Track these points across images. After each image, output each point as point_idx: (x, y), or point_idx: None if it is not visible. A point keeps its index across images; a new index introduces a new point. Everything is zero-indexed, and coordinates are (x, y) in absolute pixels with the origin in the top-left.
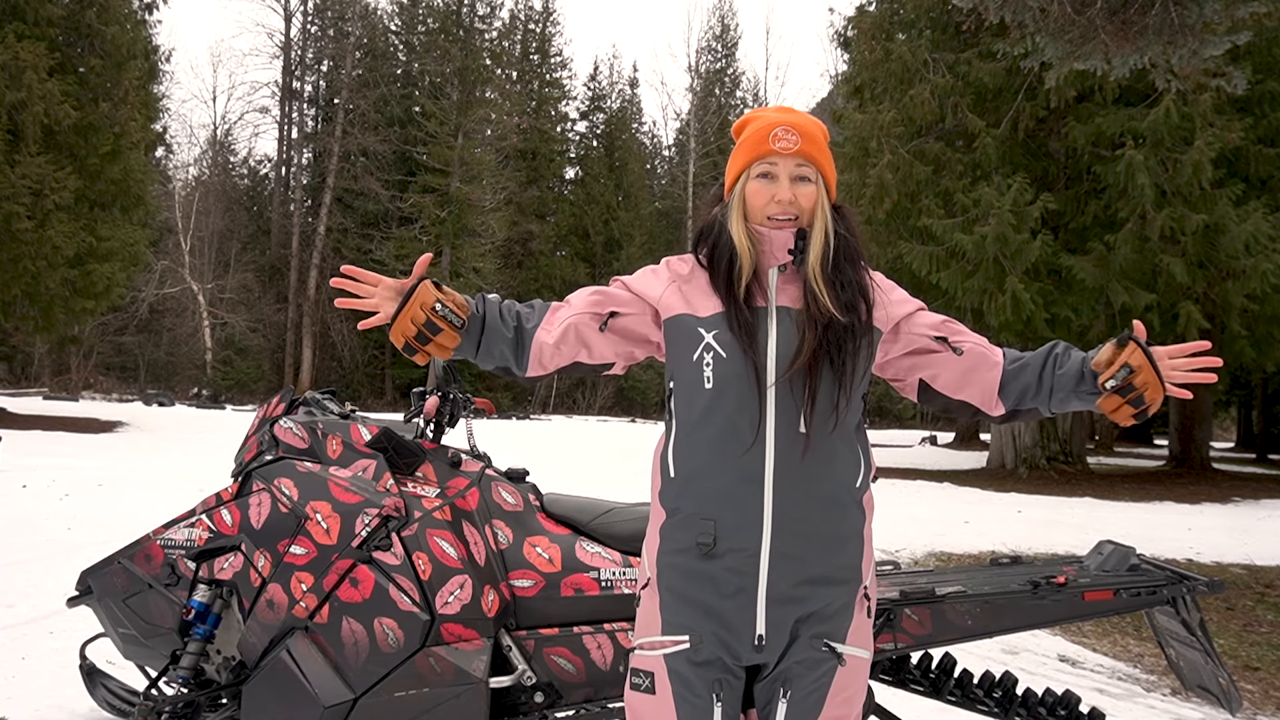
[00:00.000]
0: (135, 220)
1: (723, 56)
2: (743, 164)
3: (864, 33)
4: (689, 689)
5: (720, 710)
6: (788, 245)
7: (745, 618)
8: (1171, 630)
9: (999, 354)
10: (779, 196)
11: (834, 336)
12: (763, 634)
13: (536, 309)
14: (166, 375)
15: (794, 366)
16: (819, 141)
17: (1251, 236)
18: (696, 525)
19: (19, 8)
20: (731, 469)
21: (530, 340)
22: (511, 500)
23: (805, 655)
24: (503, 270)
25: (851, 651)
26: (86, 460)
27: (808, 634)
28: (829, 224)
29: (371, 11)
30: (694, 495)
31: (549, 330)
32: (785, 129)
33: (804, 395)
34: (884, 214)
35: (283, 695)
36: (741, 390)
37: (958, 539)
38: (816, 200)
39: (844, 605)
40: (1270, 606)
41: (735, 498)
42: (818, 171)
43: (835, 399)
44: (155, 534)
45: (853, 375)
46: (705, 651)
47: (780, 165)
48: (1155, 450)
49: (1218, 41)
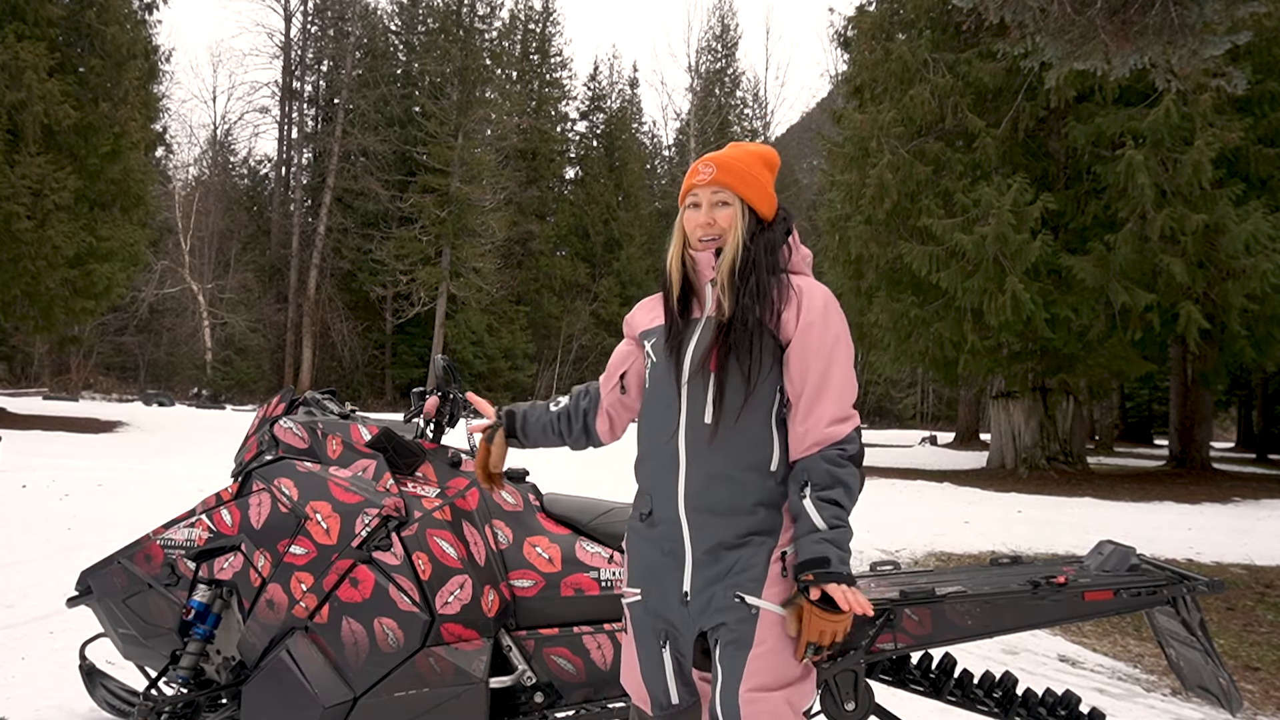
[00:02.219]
0: (135, 220)
1: (723, 56)
2: (680, 198)
3: (864, 33)
4: (643, 632)
5: (668, 655)
6: (711, 263)
7: (675, 577)
8: (1171, 630)
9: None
10: (700, 220)
11: (735, 338)
12: (687, 590)
13: (591, 398)
14: (166, 375)
15: (701, 366)
16: (736, 169)
17: (1251, 236)
18: (642, 498)
19: (19, 8)
20: (660, 453)
21: (595, 434)
22: (511, 500)
23: (724, 605)
24: (503, 270)
25: (765, 605)
26: (86, 460)
27: (723, 589)
28: (740, 236)
29: (371, 11)
30: (642, 473)
31: (603, 424)
32: (705, 163)
33: (709, 390)
34: (884, 214)
35: (283, 695)
36: (666, 388)
37: (958, 539)
38: (733, 220)
39: (755, 565)
40: (1270, 606)
41: (661, 476)
42: (735, 195)
43: (742, 392)
44: (155, 534)
45: (754, 371)
46: (650, 602)
47: (702, 194)
48: (1155, 450)
49: (1218, 41)
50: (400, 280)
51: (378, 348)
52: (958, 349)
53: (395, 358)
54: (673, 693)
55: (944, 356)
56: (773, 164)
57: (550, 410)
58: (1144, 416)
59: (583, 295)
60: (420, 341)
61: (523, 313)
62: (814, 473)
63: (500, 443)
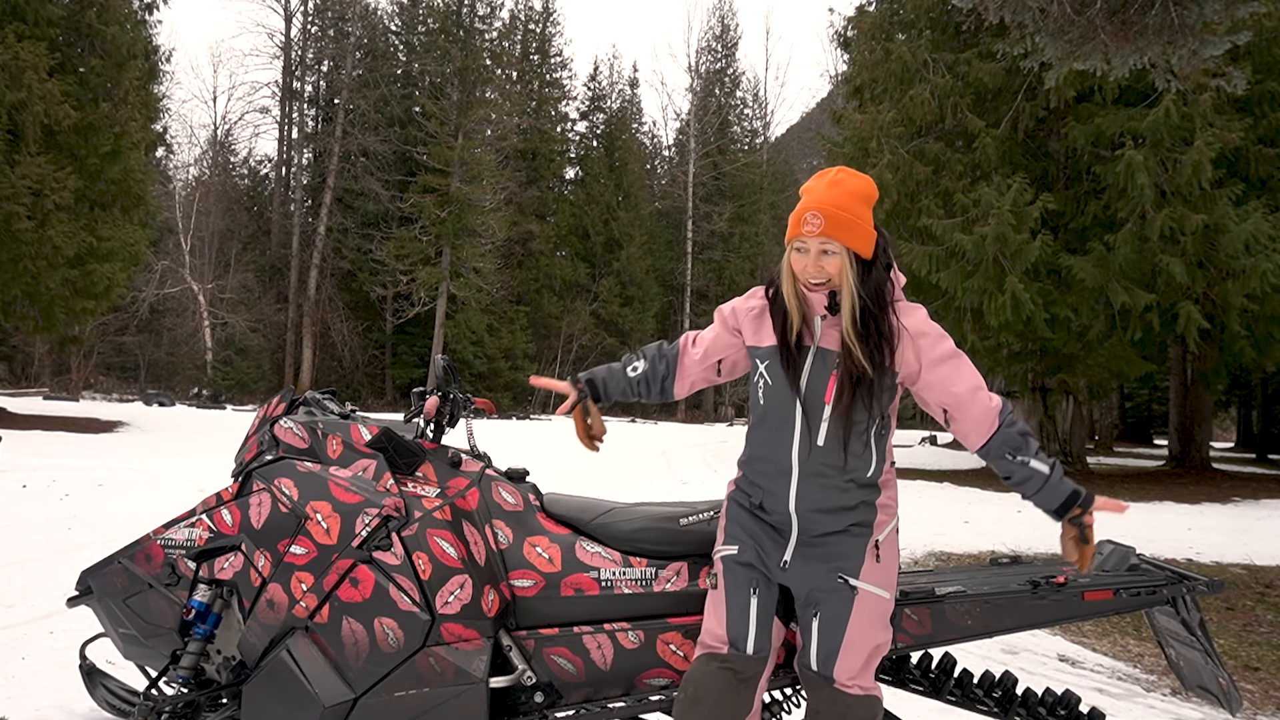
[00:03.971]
0: (135, 220)
1: (723, 56)
2: (788, 239)
3: (864, 33)
4: (735, 580)
5: (756, 603)
6: (823, 303)
7: (778, 548)
8: (1171, 630)
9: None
10: (808, 268)
11: (862, 388)
12: (787, 560)
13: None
14: (167, 375)
15: (818, 397)
16: (841, 220)
17: (1251, 236)
18: (754, 489)
19: (19, 8)
20: (775, 459)
21: (671, 394)
22: (511, 500)
23: (825, 584)
24: (503, 270)
25: (864, 586)
26: (86, 460)
27: (826, 569)
28: (854, 288)
29: (371, 11)
30: (753, 470)
31: (683, 387)
32: (813, 214)
33: (824, 419)
34: (884, 214)
35: (283, 695)
36: (782, 408)
37: (958, 539)
38: (841, 268)
39: (853, 551)
40: (1270, 606)
41: (773, 479)
42: (841, 245)
43: (860, 427)
44: (155, 534)
45: (874, 411)
46: (746, 555)
47: (809, 243)
48: (1155, 450)
49: (1218, 41)
50: (400, 280)
51: (378, 348)
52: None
53: (395, 358)
54: (751, 639)
55: None
56: (872, 198)
57: (629, 375)
58: (1144, 416)
59: (583, 295)
60: (420, 341)
61: (523, 313)
62: (1009, 442)
63: (594, 411)
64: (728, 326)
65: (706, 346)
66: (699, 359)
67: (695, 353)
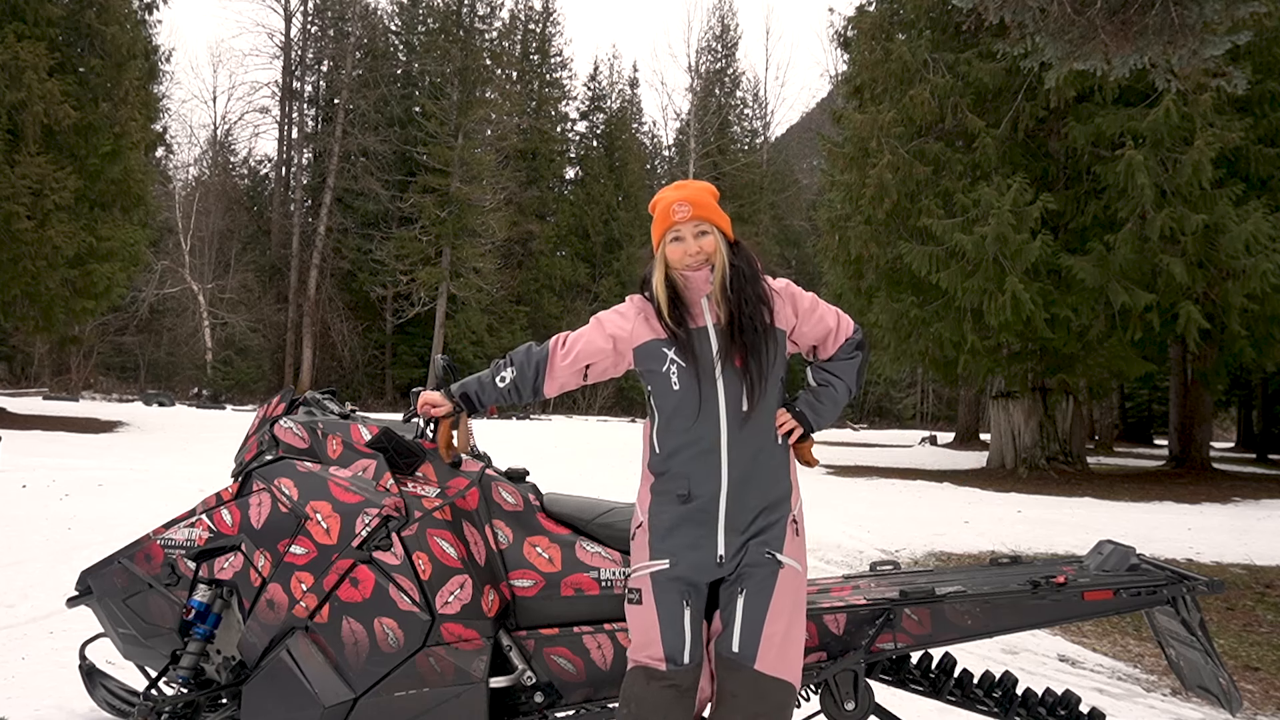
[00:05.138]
0: (135, 220)
1: (723, 56)
2: (659, 234)
3: (864, 33)
4: (666, 596)
5: (689, 614)
6: (707, 279)
7: (710, 543)
8: (1171, 630)
9: (852, 328)
10: (688, 250)
11: (748, 338)
12: (722, 553)
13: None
14: (166, 375)
15: (727, 365)
16: (705, 204)
17: (1251, 236)
18: (677, 481)
19: (19, 8)
20: (699, 441)
21: (542, 395)
22: (511, 500)
23: (753, 559)
24: (503, 270)
25: (787, 560)
26: (86, 460)
27: (755, 545)
28: (725, 259)
29: (371, 11)
30: (675, 462)
31: (553, 388)
32: (680, 204)
33: (741, 383)
34: (884, 214)
35: (283, 695)
36: (695, 387)
37: (958, 539)
38: (715, 245)
39: (778, 526)
40: (1270, 606)
41: (701, 460)
42: (712, 225)
43: (765, 379)
44: (155, 534)
45: (769, 364)
46: (678, 570)
47: (684, 229)
48: (1155, 450)
49: (1218, 41)
50: (400, 280)
51: (378, 348)
52: (957, 349)
53: (395, 358)
54: (687, 651)
55: (944, 356)
56: (717, 195)
57: (499, 386)
58: (1144, 416)
59: (583, 295)
60: (420, 341)
61: (523, 313)
62: (854, 342)
63: (464, 425)
64: (604, 333)
65: (577, 351)
66: (568, 363)
67: (565, 355)
